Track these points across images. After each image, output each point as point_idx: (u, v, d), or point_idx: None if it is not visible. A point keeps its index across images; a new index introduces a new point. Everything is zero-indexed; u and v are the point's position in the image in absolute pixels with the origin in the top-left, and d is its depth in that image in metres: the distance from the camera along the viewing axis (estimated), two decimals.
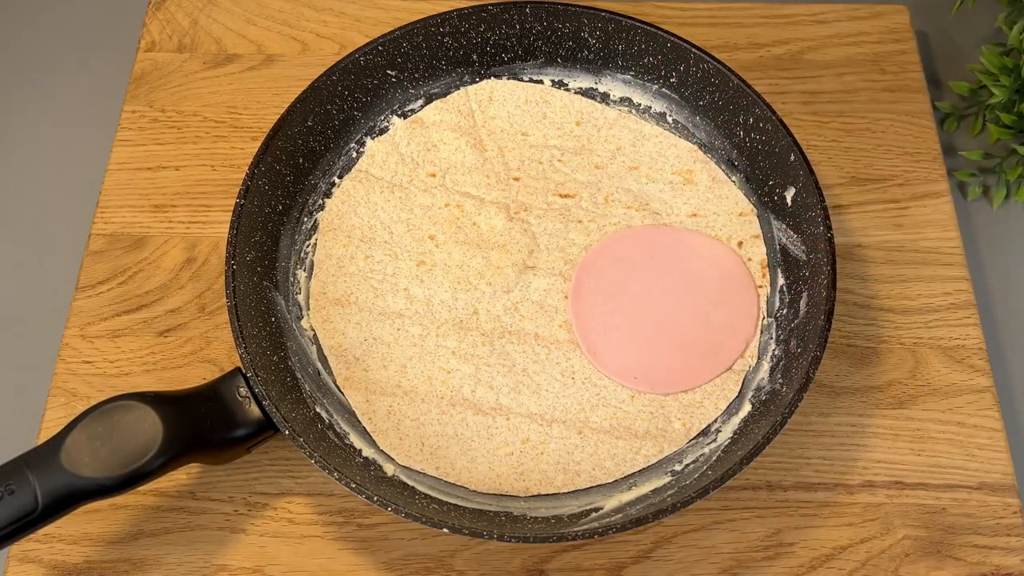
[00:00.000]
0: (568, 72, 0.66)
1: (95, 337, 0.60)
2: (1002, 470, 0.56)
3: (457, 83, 0.65)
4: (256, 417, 0.50)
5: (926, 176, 0.66)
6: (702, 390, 0.56)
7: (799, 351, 0.54)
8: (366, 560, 0.54)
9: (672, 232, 0.61)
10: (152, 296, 0.61)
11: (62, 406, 0.58)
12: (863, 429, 0.57)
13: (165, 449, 0.47)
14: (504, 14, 0.62)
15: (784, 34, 0.71)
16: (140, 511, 0.55)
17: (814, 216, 0.56)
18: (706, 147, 0.63)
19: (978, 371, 0.59)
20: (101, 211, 0.64)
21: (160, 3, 0.73)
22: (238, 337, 0.51)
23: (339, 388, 0.56)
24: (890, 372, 0.59)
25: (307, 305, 0.59)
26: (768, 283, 0.59)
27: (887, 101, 0.69)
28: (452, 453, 0.54)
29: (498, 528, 0.50)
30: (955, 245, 0.63)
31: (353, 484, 0.48)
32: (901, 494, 0.55)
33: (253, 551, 0.54)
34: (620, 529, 0.47)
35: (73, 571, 0.53)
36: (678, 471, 0.53)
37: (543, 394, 0.56)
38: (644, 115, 0.65)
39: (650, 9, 0.72)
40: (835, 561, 0.54)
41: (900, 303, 0.61)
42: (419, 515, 0.47)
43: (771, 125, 0.58)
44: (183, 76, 0.70)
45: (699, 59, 0.61)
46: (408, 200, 0.62)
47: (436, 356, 0.57)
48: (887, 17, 0.72)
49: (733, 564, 0.54)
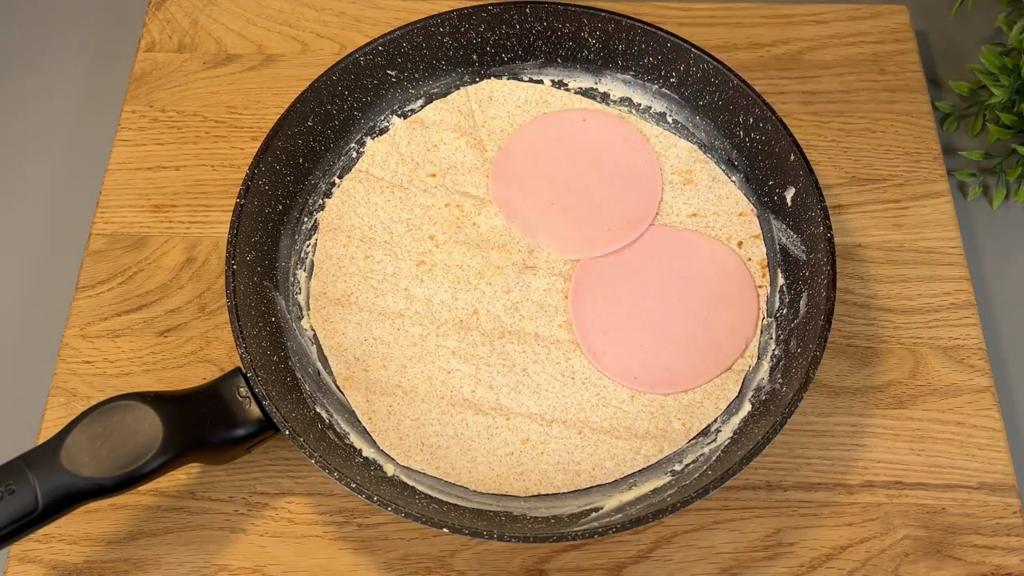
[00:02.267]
0: (568, 72, 0.66)
1: (95, 337, 0.60)
2: (1002, 470, 0.56)
3: (457, 83, 0.65)
4: (256, 417, 0.50)
5: (926, 176, 0.66)
6: (702, 390, 0.56)
7: (799, 351, 0.54)
8: (366, 560, 0.54)
9: (672, 232, 0.61)
10: (152, 296, 0.61)
11: (62, 406, 0.58)
12: (863, 429, 0.57)
13: (165, 449, 0.47)
14: (504, 14, 0.62)
15: (784, 34, 0.71)
16: (140, 511, 0.55)
17: (814, 216, 0.56)
18: (706, 147, 0.63)
19: (978, 371, 0.59)
20: (101, 211, 0.64)
21: (160, 3, 0.73)
22: (238, 337, 0.51)
23: (339, 388, 0.56)
24: (890, 372, 0.59)
25: (307, 305, 0.59)
26: (768, 283, 0.59)
27: (887, 101, 0.69)
28: (452, 453, 0.54)
29: (498, 528, 0.50)
30: (955, 245, 0.63)
31: (353, 484, 0.48)
32: (901, 494, 0.56)
33: (253, 551, 0.54)
34: (620, 529, 0.47)
35: (73, 571, 0.53)
36: (678, 471, 0.54)
37: (543, 394, 0.56)
38: (644, 115, 0.65)
39: (650, 9, 0.72)
40: (835, 561, 0.54)
41: (900, 303, 0.61)
42: (419, 515, 0.47)
43: (771, 125, 0.59)
44: (183, 76, 0.70)
45: (699, 59, 0.61)
46: (408, 200, 0.62)
47: (436, 356, 0.57)
48: (887, 17, 0.72)
49: (733, 564, 0.54)
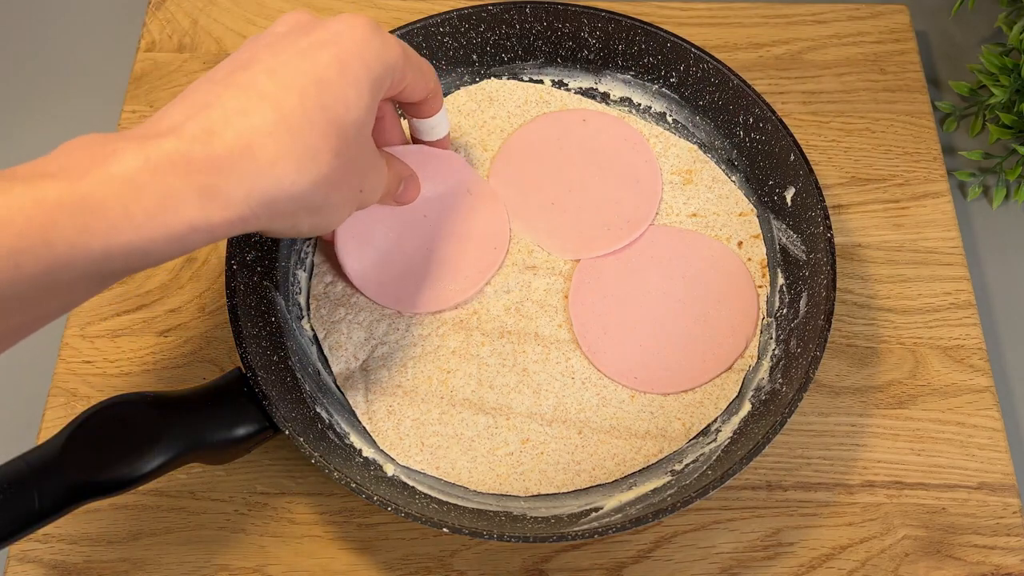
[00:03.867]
0: (568, 72, 0.66)
1: (95, 337, 0.60)
2: (1002, 470, 0.56)
3: (457, 83, 0.65)
4: (256, 417, 0.50)
5: (926, 176, 0.66)
6: (702, 390, 0.56)
7: (799, 351, 0.54)
8: (366, 560, 0.54)
9: (672, 232, 0.61)
10: (152, 296, 0.61)
11: (62, 406, 0.58)
12: (863, 429, 0.57)
13: (165, 449, 0.47)
14: (504, 14, 0.62)
15: (784, 34, 0.71)
16: (140, 511, 0.55)
17: (814, 216, 0.56)
18: (706, 147, 0.63)
19: (978, 371, 0.59)
20: None
21: (160, 3, 0.73)
22: (238, 337, 0.51)
23: (339, 388, 0.56)
24: (890, 372, 0.59)
25: (307, 305, 0.59)
26: (768, 283, 0.59)
27: (887, 101, 0.69)
28: (452, 453, 0.54)
29: (498, 528, 0.50)
30: (955, 245, 0.63)
31: (353, 484, 0.48)
32: (901, 494, 0.56)
33: (253, 551, 0.54)
34: (620, 529, 0.47)
35: (73, 571, 0.53)
36: (678, 471, 0.54)
37: (543, 394, 0.56)
38: (644, 115, 0.65)
39: (650, 9, 0.72)
40: (835, 561, 0.54)
41: (900, 303, 0.61)
42: (419, 515, 0.47)
43: (771, 125, 0.59)
44: (183, 76, 0.70)
45: (699, 59, 0.61)
46: None
47: (436, 356, 0.57)
48: (887, 17, 0.72)
49: (733, 564, 0.54)
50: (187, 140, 0.37)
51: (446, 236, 0.59)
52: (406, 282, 0.58)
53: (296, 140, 0.39)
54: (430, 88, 0.51)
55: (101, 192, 0.35)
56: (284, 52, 0.41)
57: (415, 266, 0.58)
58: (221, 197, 0.38)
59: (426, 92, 0.50)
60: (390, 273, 0.58)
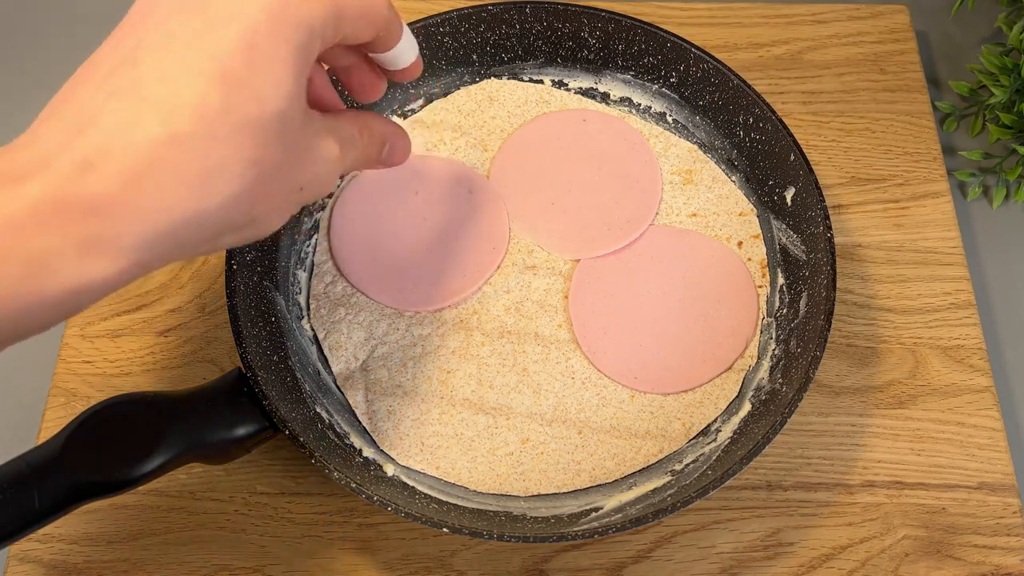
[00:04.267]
0: (568, 72, 0.66)
1: (95, 337, 0.60)
2: (1002, 470, 0.56)
3: (457, 83, 0.65)
4: (256, 417, 0.50)
5: (926, 176, 0.66)
6: (702, 390, 0.56)
7: (799, 351, 0.54)
8: (366, 560, 0.54)
9: (672, 232, 0.61)
10: (152, 296, 0.61)
11: (62, 406, 0.58)
12: (863, 429, 0.57)
13: (165, 449, 0.47)
14: (504, 14, 0.62)
15: (784, 34, 0.71)
16: (140, 511, 0.55)
17: (814, 216, 0.56)
18: (706, 147, 0.63)
19: (978, 371, 0.59)
20: None
21: None
22: (238, 337, 0.51)
23: (339, 388, 0.56)
24: (890, 372, 0.59)
25: (307, 305, 0.59)
26: (768, 283, 0.59)
27: (887, 101, 0.69)
28: (452, 453, 0.54)
29: (498, 528, 0.50)
30: (955, 245, 0.63)
31: (353, 484, 0.48)
32: (901, 494, 0.56)
33: (253, 551, 0.54)
34: (620, 529, 0.47)
35: (73, 571, 0.53)
36: (678, 471, 0.54)
37: (543, 394, 0.56)
38: (644, 115, 0.65)
39: (650, 9, 0.72)
40: (835, 561, 0.54)
41: (900, 303, 0.61)
42: (419, 515, 0.47)
43: (771, 125, 0.59)
44: None
45: (699, 59, 0.61)
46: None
47: (436, 356, 0.57)
48: (887, 17, 0.72)
49: (733, 564, 0.54)
50: (60, 178, 0.31)
51: (446, 236, 0.59)
52: (405, 280, 0.58)
53: (195, 158, 0.32)
54: (379, 23, 0.40)
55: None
56: (177, 35, 0.33)
57: (415, 265, 0.58)
58: (107, 247, 0.31)
59: (375, 29, 0.40)
60: (390, 272, 0.58)
